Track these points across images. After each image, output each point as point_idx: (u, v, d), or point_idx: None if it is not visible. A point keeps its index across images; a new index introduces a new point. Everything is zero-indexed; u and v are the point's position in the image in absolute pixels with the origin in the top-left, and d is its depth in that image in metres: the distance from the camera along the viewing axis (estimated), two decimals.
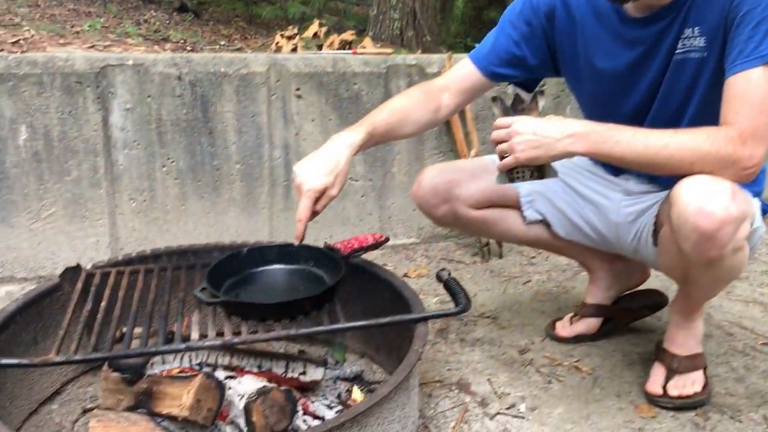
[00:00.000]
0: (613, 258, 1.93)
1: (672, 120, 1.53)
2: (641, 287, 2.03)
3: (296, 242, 1.56)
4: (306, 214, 1.49)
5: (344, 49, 3.48)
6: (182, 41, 5.35)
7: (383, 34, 6.85)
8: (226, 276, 1.66)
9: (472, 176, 1.85)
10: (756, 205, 1.53)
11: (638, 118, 1.57)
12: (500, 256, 2.71)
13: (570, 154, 1.44)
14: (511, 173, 1.53)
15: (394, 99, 1.74)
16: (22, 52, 2.44)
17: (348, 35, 3.56)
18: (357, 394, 1.63)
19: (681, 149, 1.35)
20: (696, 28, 1.44)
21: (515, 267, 2.61)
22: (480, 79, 1.74)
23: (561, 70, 1.75)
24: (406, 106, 1.70)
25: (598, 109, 1.67)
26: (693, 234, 1.36)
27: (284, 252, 1.74)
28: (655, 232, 1.61)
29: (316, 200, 1.50)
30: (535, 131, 1.45)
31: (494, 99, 1.58)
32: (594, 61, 1.63)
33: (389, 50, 2.77)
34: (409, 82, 2.59)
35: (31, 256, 2.34)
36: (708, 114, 1.43)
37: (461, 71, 1.76)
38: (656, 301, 2.00)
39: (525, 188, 1.86)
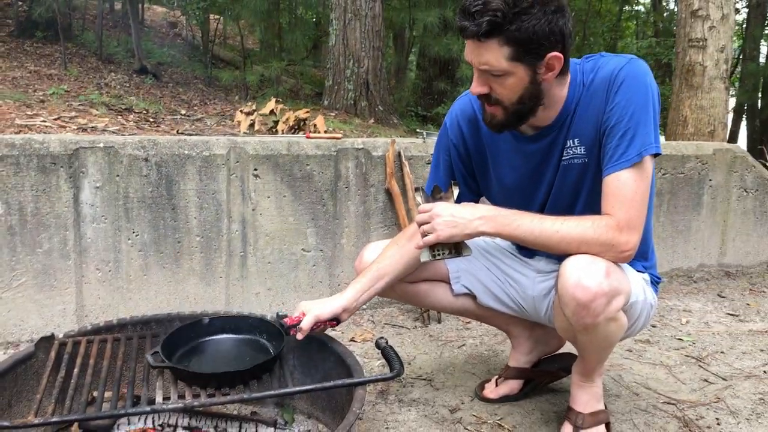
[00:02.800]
0: (533, 326, 2.20)
1: (565, 213, 1.83)
2: (559, 351, 2.29)
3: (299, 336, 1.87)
4: (307, 328, 1.85)
5: (299, 125, 3.78)
6: (144, 111, 5.61)
7: (338, 104, 7.22)
8: (181, 344, 1.89)
9: None
10: (638, 281, 1.82)
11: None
12: (439, 321, 2.96)
13: (481, 233, 1.73)
14: (433, 249, 1.80)
15: (385, 251, 2.01)
16: None
17: (302, 113, 3.86)
18: None
19: (569, 234, 1.66)
20: (576, 139, 1.77)
21: (452, 331, 2.86)
22: None
23: (479, 183, 2.05)
24: (393, 256, 1.98)
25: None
26: (571, 302, 1.66)
27: (235, 322, 2.00)
28: None
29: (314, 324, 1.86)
30: (452, 213, 1.74)
31: (417, 189, 1.86)
32: (501, 173, 1.94)
33: (339, 135, 3.05)
34: (356, 163, 2.87)
35: (0, 323, 2.49)
36: (593, 208, 1.74)
37: None
38: (572, 363, 2.25)
39: (453, 266, 2.12)
